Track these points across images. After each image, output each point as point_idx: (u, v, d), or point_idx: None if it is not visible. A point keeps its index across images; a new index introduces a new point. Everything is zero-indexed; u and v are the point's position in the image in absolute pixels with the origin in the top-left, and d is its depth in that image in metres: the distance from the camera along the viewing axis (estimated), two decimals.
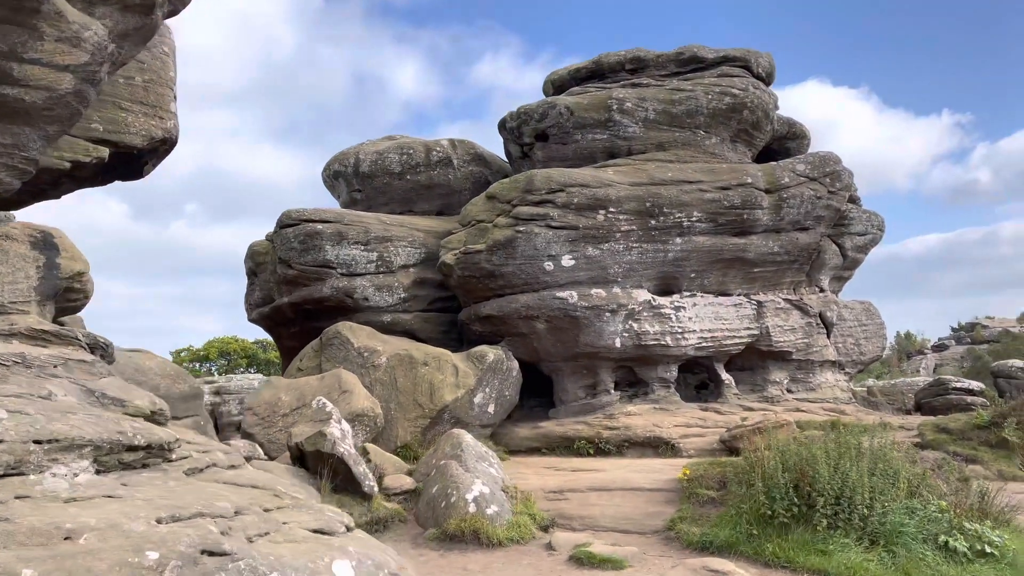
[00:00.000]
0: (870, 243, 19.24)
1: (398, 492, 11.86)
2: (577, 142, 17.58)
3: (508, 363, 15.48)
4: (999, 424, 13.31)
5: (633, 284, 15.88)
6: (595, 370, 16.08)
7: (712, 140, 17.54)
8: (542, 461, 14.57)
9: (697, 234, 15.96)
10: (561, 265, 15.33)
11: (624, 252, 15.59)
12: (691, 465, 11.38)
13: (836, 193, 17.16)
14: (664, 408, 15.70)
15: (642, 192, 15.59)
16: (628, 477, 11.95)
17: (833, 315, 18.16)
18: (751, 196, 16.10)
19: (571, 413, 15.97)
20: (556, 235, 15.23)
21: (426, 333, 17.40)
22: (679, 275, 16.23)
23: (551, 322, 15.44)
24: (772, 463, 9.52)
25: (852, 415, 16.35)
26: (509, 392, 15.53)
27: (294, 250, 16.91)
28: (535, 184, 15.55)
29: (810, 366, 17.84)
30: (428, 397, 14.72)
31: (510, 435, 15.84)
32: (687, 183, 15.93)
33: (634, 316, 15.64)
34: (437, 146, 19.45)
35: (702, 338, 16.26)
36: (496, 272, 15.45)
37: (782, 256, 16.96)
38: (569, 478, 12.49)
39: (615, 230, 15.44)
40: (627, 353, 15.78)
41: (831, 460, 9.41)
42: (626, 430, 14.74)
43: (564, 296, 15.27)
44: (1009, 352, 31.84)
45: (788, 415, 15.57)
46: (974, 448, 13.33)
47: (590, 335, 15.41)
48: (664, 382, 16.26)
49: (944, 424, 14.04)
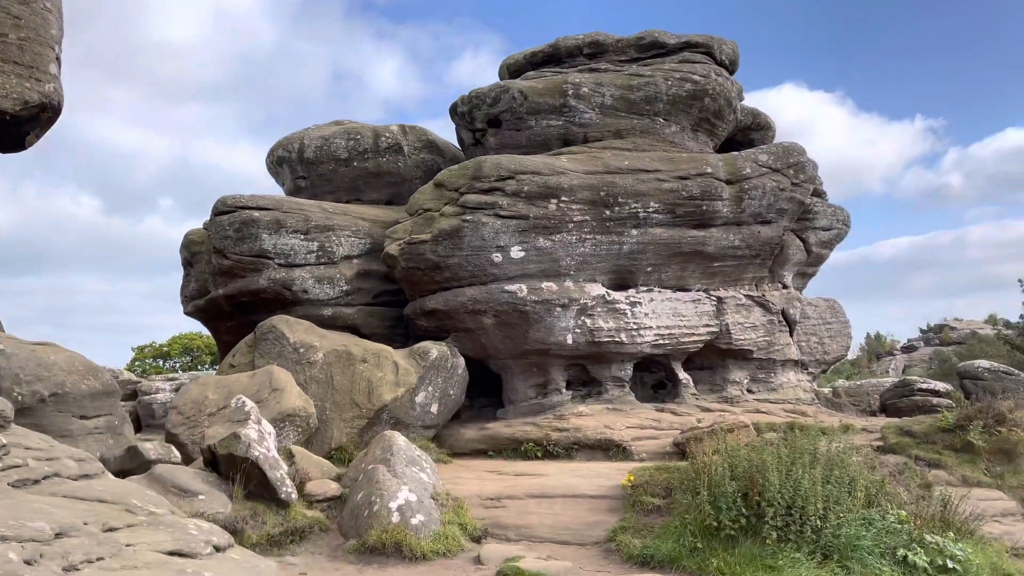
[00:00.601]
0: (835, 238, 18.60)
1: (322, 499, 10.93)
2: (531, 128, 16.73)
3: (453, 360, 14.59)
4: (964, 427, 12.68)
5: (586, 278, 15.06)
6: (546, 368, 15.25)
7: (672, 128, 16.77)
8: (486, 464, 13.71)
9: (654, 226, 15.17)
10: (510, 257, 14.47)
11: (577, 244, 14.76)
12: (637, 471, 10.58)
13: (800, 185, 16.47)
14: (618, 409, 14.91)
15: (596, 181, 14.77)
16: (571, 483, 11.12)
17: (796, 312, 17.49)
18: (711, 187, 15.36)
19: (520, 413, 15.11)
20: (505, 225, 14.37)
21: (370, 328, 16.45)
22: (635, 269, 15.45)
23: (499, 317, 14.57)
24: (719, 470, 8.74)
25: (814, 417, 15.67)
26: (454, 391, 14.64)
27: (229, 239, 15.89)
28: (484, 171, 14.68)
29: (771, 365, 17.15)
30: (366, 396, 13.80)
31: (455, 436, 14.96)
32: (644, 172, 15.15)
33: (587, 311, 14.82)
34: (386, 132, 18.50)
35: (659, 335, 15.48)
36: (441, 264, 14.55)
37: (743, 250, 16.24)
38: (510, 483, 11.64)
39: (567, 220, 14.61)
40: (579, 350, 14.96)
41: (783, 467, 8.64)
42: (576, 432, 13.92)
43: (513, 289, 14.41)
44: (975, 353, 31.53)
45: (746, 416, 14.84)
46: (938, 452, 12.69)
47: (540, 331, 14.56)
48: (618, 381, 15.46)
49: (908, 427, 13.38)
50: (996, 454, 12.60)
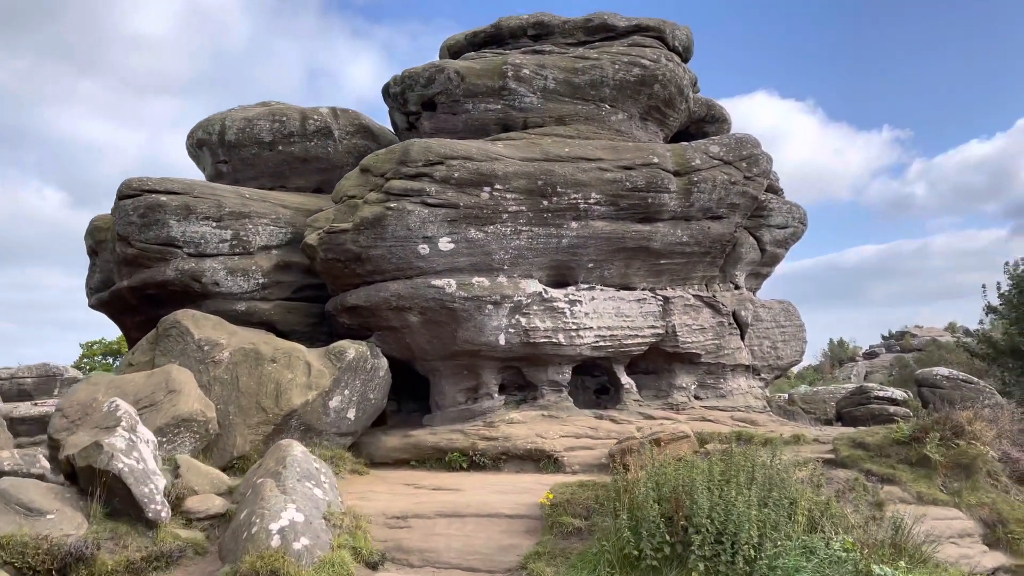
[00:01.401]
0: (791, 237, 17.67)
1: (203, 517, 9.65)
2: (468, 112, 15.54)
3: (374, 361, 13.33)
4: (920, 439, 11.75)
5: (522, 273, 13.90)
6: (477, 371, 14.06)
7: (619, 116, 15.70)
8: (406, 476, 12.48)
9: (596, 218, 14.07)
10: (438, 249, 13.26)
11: (512, 236, 13.60)
12: (559, 487, 9.43)
13: (753, 179, 15.49)
14: (553, 416, 13.76)
15: (534, 168, 13.63)
16: (488, 500, 9.94)
17: (748, 314, 16.51)
18: (657, 178, 14.29)
19: (448, 420, 13.90)
20: (433, 214, 13.15)
21: (289, 325, 15.13)
22: (575, 265, 14.32)
23: (425, 314, 13.36)
24: (642, 489, 7.61)
25: (764, 426, 14.68)
26: (375, 395, 13.38)
27: (133, 225, 14.47)
28: (411, 155, 13.46)
29: (721, 370, 16.14)
30: (273, 400, 12.49)
31: (376, 445, 13.70)
32: (585, 160, 14.04)
33: (521, 310, 13.66)
34: (315, 114, 17.17)
35: (600, 336, 14.38)
36: (363, 255, 13.30)
37: (692, 247, 15.21)
38: (423, 499, 10.42)
39: (502, 210, 13.44)
40: (513, 352, 13.79)
41: (714, 487, 7.54)
42: (505, 441, 12.74)
43: (440, 284, 13.20)
44: (934, 360, 30.97)
45: (691, 425, 13.80)
46: (892, 466, 11.74)
47: (470, 330, 13.37)
48: (556, 385, 14.32)
49: (861, 438, 12.42)
50: (953, 469, 11.69)
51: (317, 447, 12.68)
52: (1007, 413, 12.96)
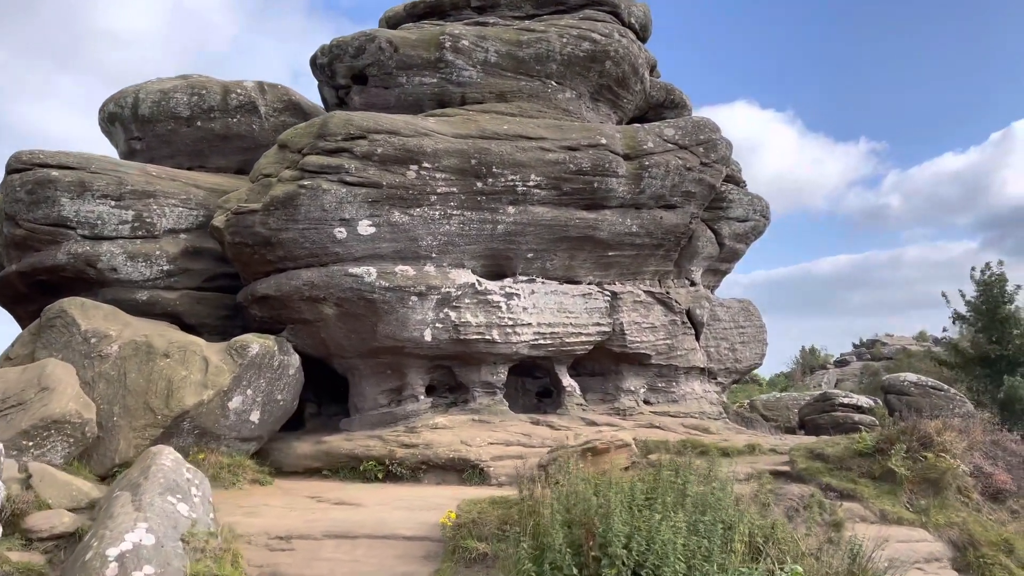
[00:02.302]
0: (752, 231, 16.51)
1: (47, 536, 8.19)
2: (402, 86, 14.18)
3: (282, 358, 11.90)
4: (884, 451, 10.61)
5: (452, 262, 12.55)
6: (401, 370, 12.69)
7: (566, 94, 14.42)
8: (313, 488, 11.06)
9: (536, 203, 12.77)
10: (357, 233, 11.88)
11: (441, 220, 12.26)
12: (466, 504, 8.09)
13: (710, 166, 14.29)
14: (485, 420, 12.43)
15: (468, 146, 12.30)
16: (388, 518, 8.57)
17: (704, 313, 15.30)
18: (604, 160, 13.03)
19: (367, 424, 12.51)
20: (352, 193, 11.77)
21: (198, 318, 13.66)
22: (513, 254, 13.01)
23: (341, 306, 11.97)
24: (548, 512, 6.29)
25: (717, 434, 13.46)
26: (284, 396, 11.95)
27: (21, 203, 12.91)
28: (330, 128, 12.07)
29: (673, 373, 14.90)
30: (163, 400, 11.02)
31: (286, 452, 12.27)
32: (525, 139, 12.74)
33: (451, 302, 12.32)
34: (238, 88, 15.71)
35: (539, 334, 13.08)
36: (273, 239, 11.88)
37: (643, 238, 13.96)
38: (316, 516, 9.02)
39: (430, 191, 12.10)
40: (442, 349, 12.44)
41: (634, 509, 6.25)
42: (426, 448, 11.37)
43: (359, 273, 11.82)
44: (903, 368, 30.08)
45: (637, 432, 12.55)
46: (853, 481, 10.57)
47: (391, 325, 12.00)
48: (489, 387, 12.99)
49: (819, 449, 11.24)
50: (921, 484, 10.55)
51: (214, 453, 11.28)
52: (979, 423, 11.86)
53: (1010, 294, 18.82)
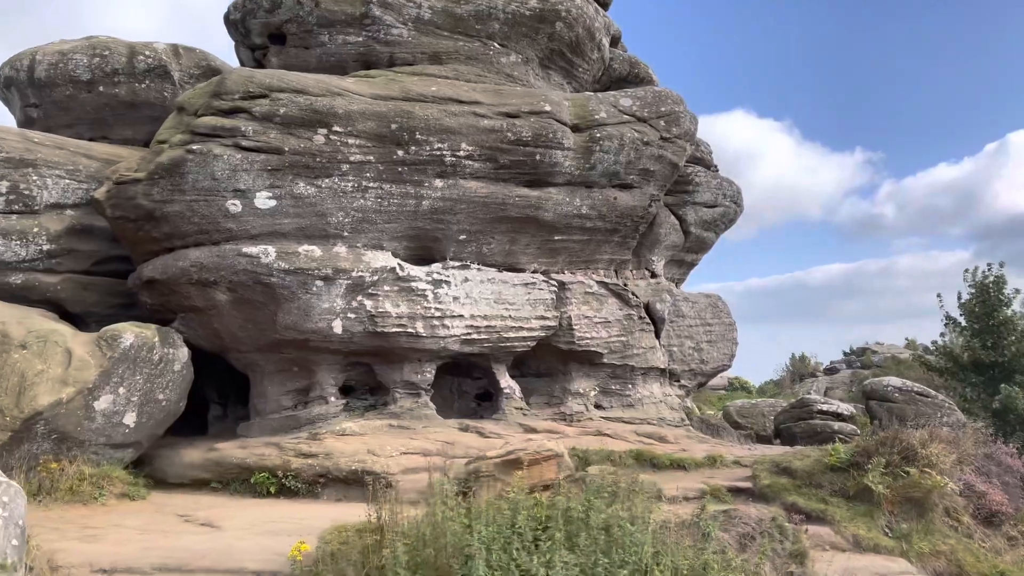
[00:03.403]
0: (721, 219, 14.93)
1: None
2: (324, 46, 12.54)
3: (165, 351, 10.22)
4: (860, 465, 9.06)
5: (369, 243, 10.91)
6: (309, 368, 11.03)
7: (511, 58, 12.80)
8: (189, 503, 9.36)
9: (468, 177, 11.14)
10: (254, 206, 10.22)
11: (355, 194, 10.61)
12: (331, 532, 6.42)
13: (672, 141, 12.70)
14: (404, 426, 10.78)
15: (387, 108, 10.67)
16: (237, 547, 6.90)
17: (665, 308, 13.69)
18: (548, 130, 11.42)
19: (267, 430, 10.84)
20: (248, 160, 10.11)
21: (84, 306, 11.96)
22: (442, 235, 11.38)
23: (236, 291, 10.30)
24: (388, 553, 4.66)
25: (674, 443, 11.85)
26: (167, 395, 10.25)
27: None
28: (226, 86, 10.41)
29: (629, 374, 13.27)
30: (14, 398, 9.31)
31: (172, 461, 10.58)
32: (456, 103, 11.12)
33: (366, 289, 10.67)
34: (147, 50, 14.01)
35: (473, 328, 11.44)
36: (158, 212, 10.20)
37: (595, 221, 12.36)
38: (162, 543, 7.34)
39: (342, 160, 10.45)
40: (356, 344, 10.79)
41: (514, 548, 4.62)
42: (326, 459, 9.70)
43: (254, 253, 10.16)
44: (890, 375, 28.53)
45: (582, 440, 10.94)
46: (823, 500, 9.00)
47: (293, 314, 10.33)
48: (412, 388, 11.34)
49: (786, 462, 9.65)
50: (902, 504, 9.01)
51: (75, 462, 9.56)
52: (971, 434, 10.30)
53: (1008, 297, 17.24)
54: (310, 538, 6.56)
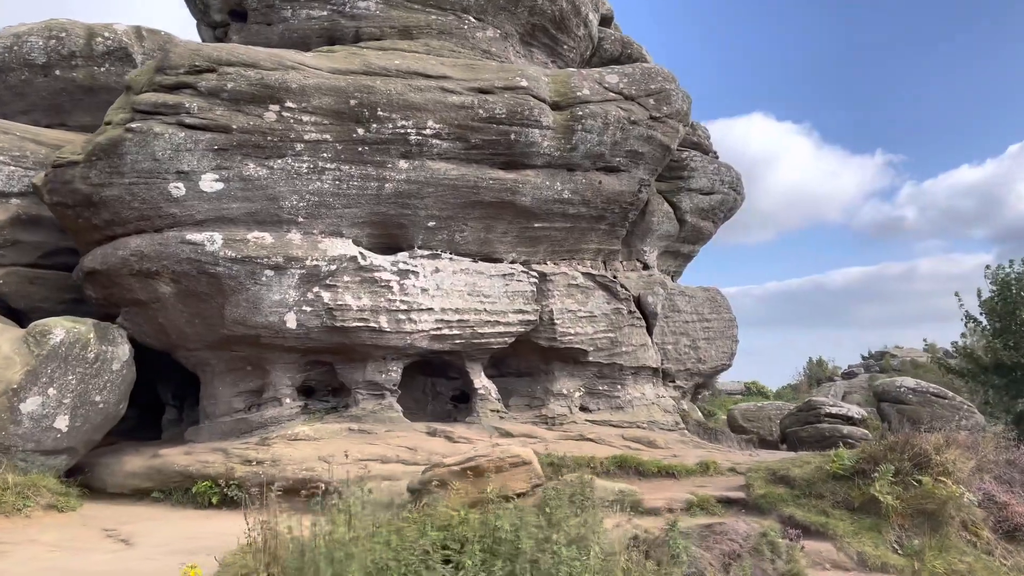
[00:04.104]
0: (720, 207, 13.93)
1: None
2: (286, 21, 11.70)
3: (103, 348, 9.37)
4: (866, 473, 8.04)
5: (327, 229, 10.02)
6: (263, 367, 10.15)
7: (487, 33, 11.90)
8: (121, 516, 8.47)
9: (436, 157, 10.24)
10: (199, 189, 9.36)
11: (310, 175, 9.73)
12: (232, 556, 5.52)
13: (662, 121, 11.74)
14: (365, 430, 9.87)
15: (346, 83, 9.79)
16: (133, 570, 6.02)
17: (657, 302, 12.71)
18: (524, 107, 10.50)
19: (217, 434, 9.96)
20: (192, 139, 9.26)
21: (30, 301, 11.17)
22: (408, 222, 10.47)
23: (180, 282, 9.44)
24: None
25: (665, 448, 10.86)
26: (104, 396, 9.40)
27: None
28: (171, 60, 9.57)
29: (618, 374, 12.29)
30: None
31: (113, 469, 9.71)
32: (422, 77, 10.22)
33: (322, 279, 9.78)
34: (106, 32, 13.24)
35: (444, 322, 10.53)
36: (96, 197, 9.37)
37: (578, 207, 11.42)
38: (62, 565, 6.46)
39: (295, 138, 9.58)
40: (313, 340, 9.90)
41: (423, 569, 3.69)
42: (272, 466, 8.81)
43: (199, 240, 9.29)
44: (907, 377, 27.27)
45: (559, 445, 9.99)
46: (824, 512, 8.00)
47: (240, 307, 9.45)
48: (376, 388, 10.43)
49: (784, 470, 8.65)
50: (914, 517, 7.96)
51: (1, 469, 8.73)
52: (991, 438, 9.24)
53: None
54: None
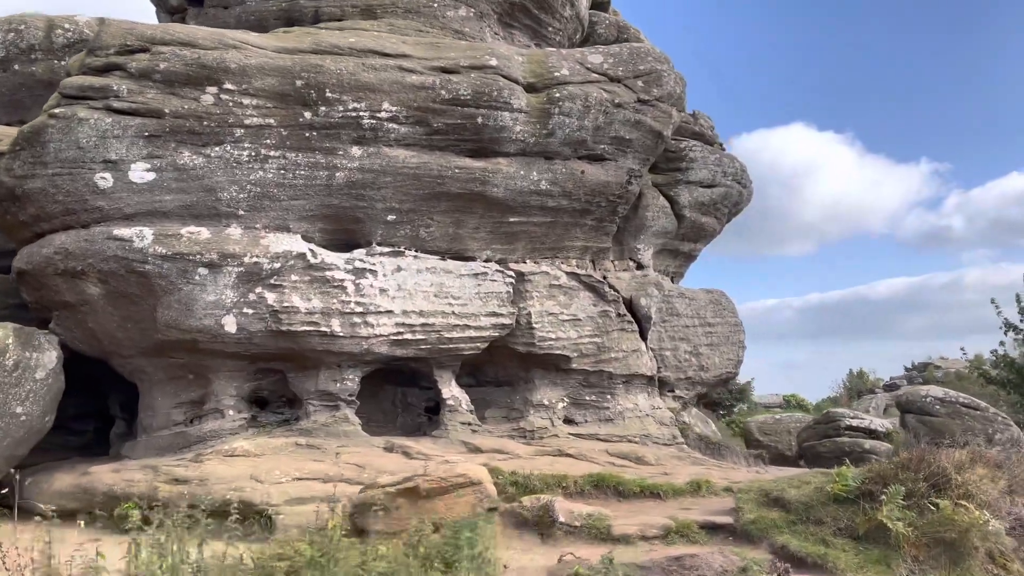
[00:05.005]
0: (723, 201, 12.79)
1: None
2: (243, 4, 10.91)
3: (24, 355, 8.53)
4: (874, 495, 6.85)
5: (271, 223, 9.11)
6: (205, 375, 9.25)
7: (460, 12, 10.96)
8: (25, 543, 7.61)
9: (394, 143, 9.29)
10: (128, 180, 8.53)
11: (252, 164, 8.85)
12: None
13: (652, 105, 10.68)
14: (315, 445, 8.90)
15: (292, 62, 8.91)
16: None
17: (652, 304, 11.59)
18: (493, 88, 9.52)
19: (153, 449, 9.08)
20: (120, 125, 8.44)
21: None
22: (365, 215, 9.53)
23: (108, 282, 8.60)
24: None
25: (655, 465, 9.72)
26: (28, 408, 8.55)
27: None
28: (102, 40, 8.80)
29: (607, 383, 11.17)
30: None
31: (41, 488, 8.86)
32: (378, 55, 9.30)
33: (265, 278, 8.86)
34: (67, 23, 12.58)
35: (406, 326, 9.54)
36: (19, 190, 8.58)
37: (559, 199, 10.39)
38: None
39: (235, 123, 8.71)
40: (256, 346, 8.97)
41: None
42: (199, 485, 7.87)
43: (127, 236, 8.45)
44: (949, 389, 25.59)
45: (533, 462, 8.93)
46: (823, 541, 6.83)
47: (173, 308, 8.57)
48: (329, 399, 9.46)
49: (779, 492, 7.49)
50: (929, 547, 6.75)
51: None
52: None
53: None
54: None
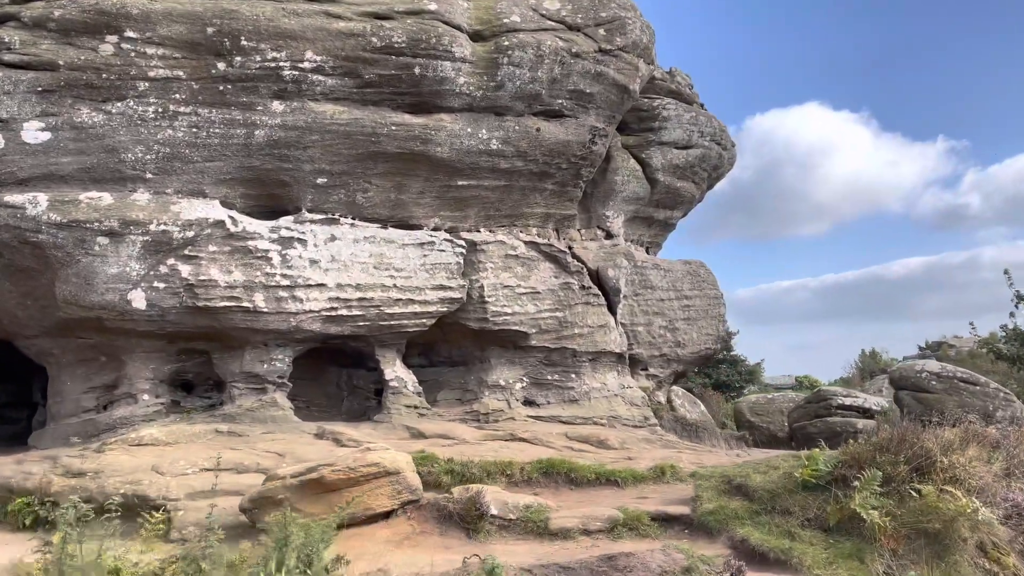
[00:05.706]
0: (700, 163, 11.82)
1: None
2: None
3: None
4: (848, 481, 5.95)
5: (183, 188, 8.23)
6: (118, 357, 8.41)
7: None
8: None
9: (320, 97, 8.39)
10: (21, 141, 7.66)
11: (158, 122, 7.96)
12: None
13: (615, 55, 9.72)
14: (237, 432, 8.07)
15: (203, 8, 8.00)
16: None
17: (620, 276, 10.66)
18: (432, 34, 8.58)
19: (60, 438, 8.27)
20: (11, 80, 7.57)
21: None
22: (292, 178, 8.64)
23: (1, 255, 7.76)
24: None
25: (618, 449, 8.84)
26: None
27: None
28: None
29: (571, 361, 10.27)
30: None
31: None
32: (301, 0, 8.37)
33: (178, 248, 7.99)
34: None
35: (341, 300, 8.67)
36: None
37: (513, 160, 9.47)
38: None
39: (138, 76, 7.82)
40: (171, 324, 8.12)
41: None
42: (93, 479, 7.06)
43: (19, 202, 7.59)
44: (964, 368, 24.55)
45: (481, 447, 8.09)
46: (790, 534, 5.96)
47: (71, 282, 7.72)
48: (256, 382, 8.62)
49: (741, 479, 6.62)
50: (910, 539, 5.88)
51: None
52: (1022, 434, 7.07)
53: None
54: None
